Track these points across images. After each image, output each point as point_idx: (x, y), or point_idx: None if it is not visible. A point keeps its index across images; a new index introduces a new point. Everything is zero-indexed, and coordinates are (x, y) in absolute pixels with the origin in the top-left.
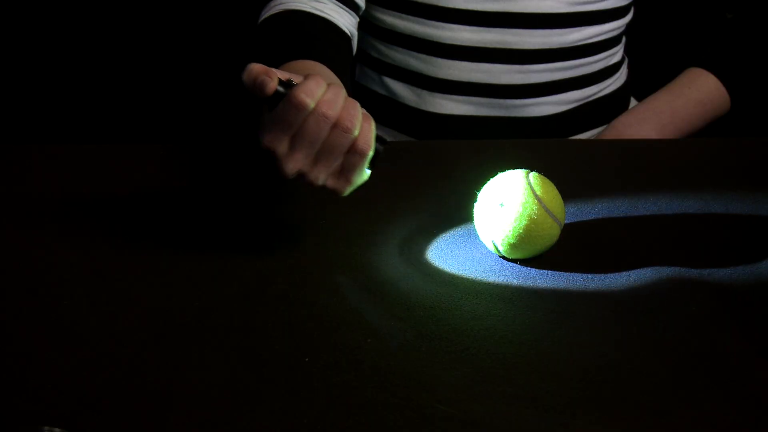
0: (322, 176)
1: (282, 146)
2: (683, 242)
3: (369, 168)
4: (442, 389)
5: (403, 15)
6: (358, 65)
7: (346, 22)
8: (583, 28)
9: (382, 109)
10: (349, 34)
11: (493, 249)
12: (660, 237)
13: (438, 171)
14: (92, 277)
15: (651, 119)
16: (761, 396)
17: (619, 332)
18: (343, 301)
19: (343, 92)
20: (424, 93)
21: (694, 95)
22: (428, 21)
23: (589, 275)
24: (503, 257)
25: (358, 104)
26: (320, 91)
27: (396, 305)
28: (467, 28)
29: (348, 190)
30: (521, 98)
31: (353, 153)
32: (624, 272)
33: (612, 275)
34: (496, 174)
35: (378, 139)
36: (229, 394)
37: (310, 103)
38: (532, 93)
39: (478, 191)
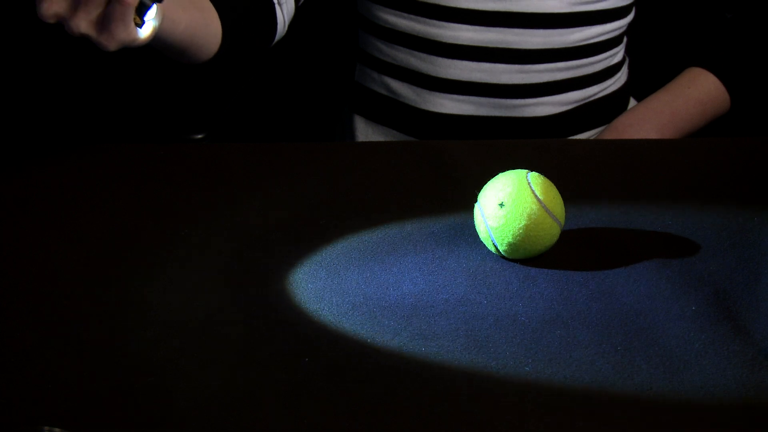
0: (82, 24)
1: None
2: (683, 242)
3: (139, 25)
4: (443, 389)
5: (405, 14)
6: (359, 65)
7: None
8: (584, 28)
9: (383, 108)
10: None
11: (493, 249)
12: (660, 237)
13: (438, 171)
14: (92, 277)
15: (651, 119)
16: (761, 396)
17: (619, 332)
18: (343, 300)
19: None
20: (425, 92)
21: (694, 95)
22: (429, 20)
23: (589, 275)
24: (503, 257)
25: None
26: None
27: (396, 305)
28: (468, 27)
29: (113, 45)
30: (522, 98)
31: (115, 1)
32: (624, 272)
33: (612, 275)
34: (496, 174)
35: None
36: (229, 394)
37: None
38: (532, 93)
39: (478, 191)
